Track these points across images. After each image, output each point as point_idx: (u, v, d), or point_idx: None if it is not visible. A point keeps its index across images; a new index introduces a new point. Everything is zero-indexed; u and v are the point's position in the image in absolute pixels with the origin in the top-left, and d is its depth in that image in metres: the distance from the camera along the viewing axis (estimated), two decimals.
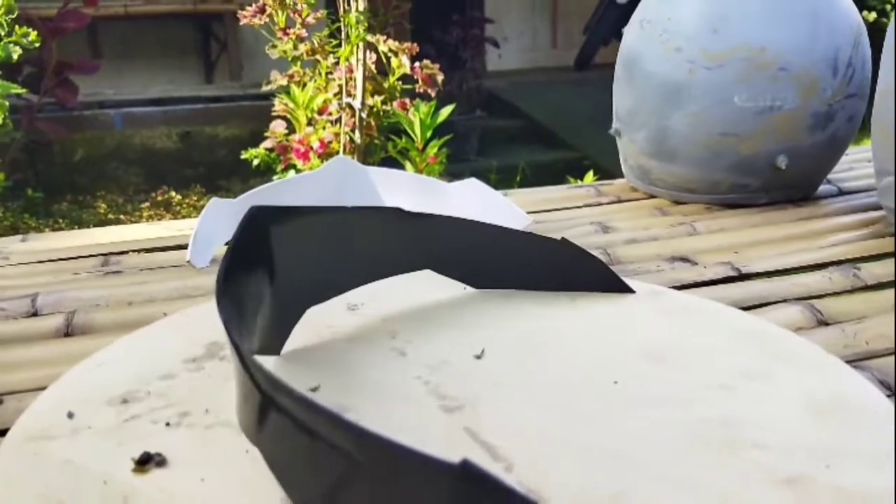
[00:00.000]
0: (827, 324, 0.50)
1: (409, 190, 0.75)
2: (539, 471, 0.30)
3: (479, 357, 0.40)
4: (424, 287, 0.48)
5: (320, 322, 0.43)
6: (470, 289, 0.48)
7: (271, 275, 0.37)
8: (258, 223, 0.36)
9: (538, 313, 0.45)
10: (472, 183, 0.75)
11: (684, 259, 0.63)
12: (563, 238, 0.46)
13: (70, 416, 0.34)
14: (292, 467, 0.25)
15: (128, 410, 0.35)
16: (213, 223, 0.65)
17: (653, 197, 0.84)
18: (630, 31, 0.83)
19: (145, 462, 0.31)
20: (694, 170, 0.77)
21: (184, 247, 0.66)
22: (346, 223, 0.41)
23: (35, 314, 0.54)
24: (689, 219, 0.75)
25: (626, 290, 0.48)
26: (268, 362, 0.38)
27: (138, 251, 0.69)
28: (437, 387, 0.36)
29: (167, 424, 0.34)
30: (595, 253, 0.65)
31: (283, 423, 0.24)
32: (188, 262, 0.59)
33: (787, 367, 0.38)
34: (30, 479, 0.30)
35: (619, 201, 0.84)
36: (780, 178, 0.76)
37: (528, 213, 0.73)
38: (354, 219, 0.42)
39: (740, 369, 0.38)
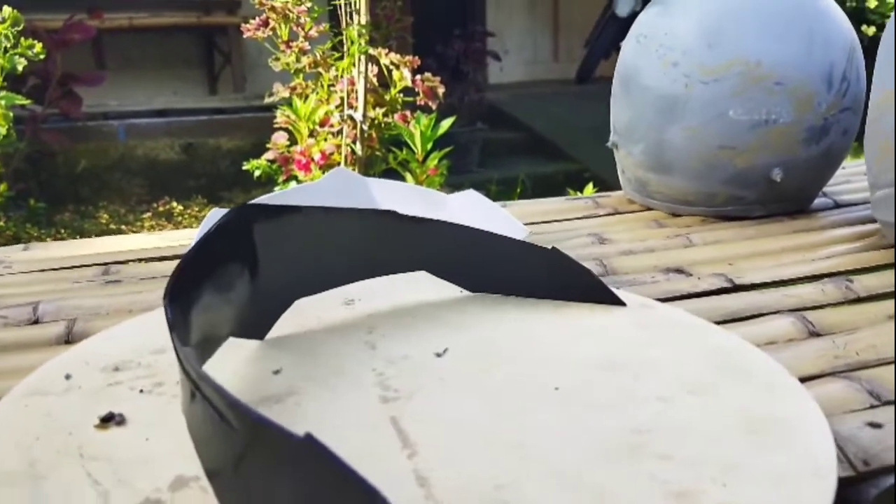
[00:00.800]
0: (818, 335, 0.51)
1: (408, 201, 0.75)
2: (439, 457, 0.32)
3: (439, 355, 0.42)
4: (420, 288, 0.50)
5: (312, 313, 0.47)
6: (466, 292, 0.50)
7: (252, 267, 0.41)
8: (242, 219, 0.40)
9: (518, 318, 0.47)
10: (471, 194, 0.76)
11: (679, 270, 0.63)
12: (553, 247, 0.47)
13: (67, 377, 0.40)
14: (203, 440, 0.29)
15: (115, 377, 0.40)
16: None
17: (650, 209, 0.84)
18: (627, 46, 0.84)
19: (108, 420, 0.36)
20: (690, 182, 0.78)
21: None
22: (340, 223, 0.44)
23: (36, 322, 0.54)
24: (685, 231, 0.76)
25: (617, 302, 0.48)
26: (247, 345, 0.43)
27: (137, 261, 0.70)
28: (386, 379, 0.40)
29: (141, 391, 0.39)
30: (591, 264, 0.66)
31: (201, 403, 0.27)
32: None
33: (735, 384, 0.39)
34: (14, 426, 0.35)
35: (617, 213, 0.85)
36: (776, 191, 0.77)
37: (526, 224, 0.74)
38: (350, 219, 0.44)
39: (687, 382, 0.39)
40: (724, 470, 0.31)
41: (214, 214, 0.67)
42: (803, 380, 0.44)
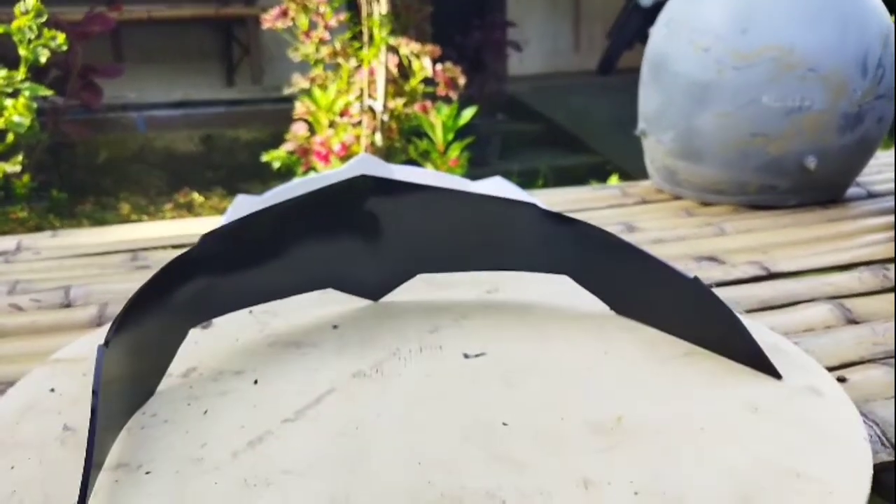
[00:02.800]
0: (856, 322, 0.50)
1: None
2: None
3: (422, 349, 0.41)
4: (553, 292, 0.46)
5: (428, 286, 0.47)
6: (606, 310, 0.44)
7: (375, 233, 0.42)
8: (356, 189, 0.41)
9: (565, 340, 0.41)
10: (497, 181, 0.75)
11: (712, 258, 0.62)
12: (695, 277, 0.38)
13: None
14: None
15: None
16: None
17: (679, 198, 0.83)
18: (657, 32, 0.82)
19: None
20: (722, 170, 0.77)
21: None
22: (480, 209, 0.42)
23: (69, 306, 0.54)
24: (716, 220, 0.74)
25: (768, 370, 0.36)
26: (360, 303, 0.46)
27: (165, 247, 0.70)
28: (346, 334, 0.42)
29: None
30: None
31: None
32: None
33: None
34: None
35: (645, 202, 0.84)
36: (809, 180, 0.76)
37: None
38: (491, 206, 0.42)
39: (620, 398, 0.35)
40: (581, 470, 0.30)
41: (242, 200, 0.66)
42: (843, 366, 0.43)
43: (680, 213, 0.78)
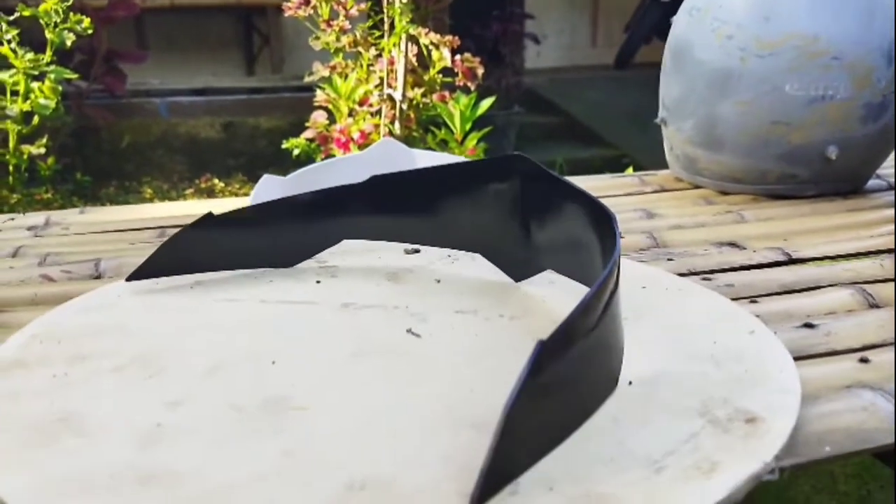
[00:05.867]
0: (878, 306, 0.50)
1: None
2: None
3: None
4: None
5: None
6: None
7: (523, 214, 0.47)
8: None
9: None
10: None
11: (732, 244, 0.63)
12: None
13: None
14: None
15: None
16: (267, 198, 0.66)
17: (698, 187, 0.83)
18: (679, 20, 0.83)
19: None
20: (742, 159, 0.77)
21: None
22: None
23: (99, 277, 0.56)
24: (735, 207, 0.75)
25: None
26: None
27: None
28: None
29: None
30: (640, 237, 0.66)
31: None
32: None
33: None
34: None
35: (664, 190, 0.84)
36: (830, 170, 0.76)
37: None
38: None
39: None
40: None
41: (267, 179, 0.68)
42: (865, 348, 0.44)
43: (699, 201, 0.78)
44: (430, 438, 0.32)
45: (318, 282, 0.50)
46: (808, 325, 0.47)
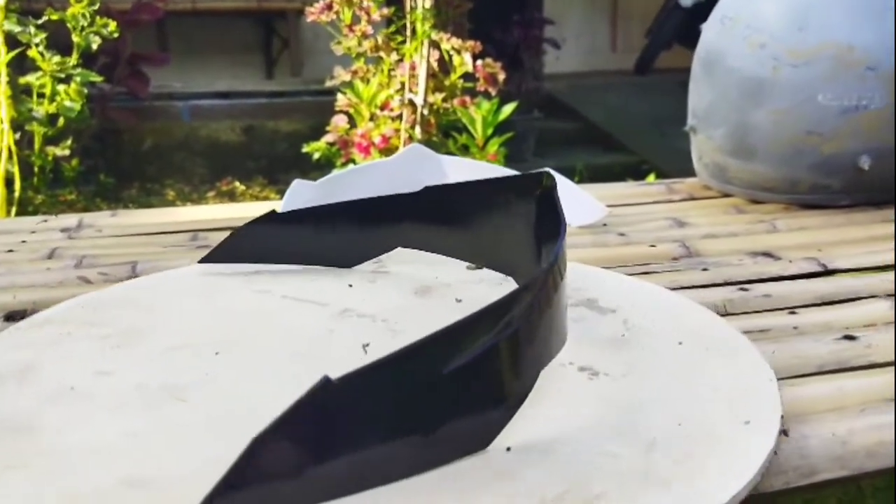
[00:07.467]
0: None
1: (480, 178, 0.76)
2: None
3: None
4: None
5: None
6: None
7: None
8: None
9: None
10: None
11: (767, 254, 0.62)
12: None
13: None
14: None
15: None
16: (297, 202, 0.67)
17: (727, 196, 0.83)
18: (710, 28, 0.82)
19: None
20: (774, 168, 0.76)
21: None
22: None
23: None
24: (768, 217, 0.74)
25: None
26: None
27: (222, 229, 0.71)
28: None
29: None
30: (672, 246, 0.65)
31: None
32: None
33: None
34: None
35: (693, 199, 0.83)
36: (863, 180, 0.75)
37: None
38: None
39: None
40: None
41: (298, 185, 0.68)
42: None
43: (730, 210, 0.78)
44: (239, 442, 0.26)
45: (350, 285, 0.50)
46: (849, 337, 0.46)
